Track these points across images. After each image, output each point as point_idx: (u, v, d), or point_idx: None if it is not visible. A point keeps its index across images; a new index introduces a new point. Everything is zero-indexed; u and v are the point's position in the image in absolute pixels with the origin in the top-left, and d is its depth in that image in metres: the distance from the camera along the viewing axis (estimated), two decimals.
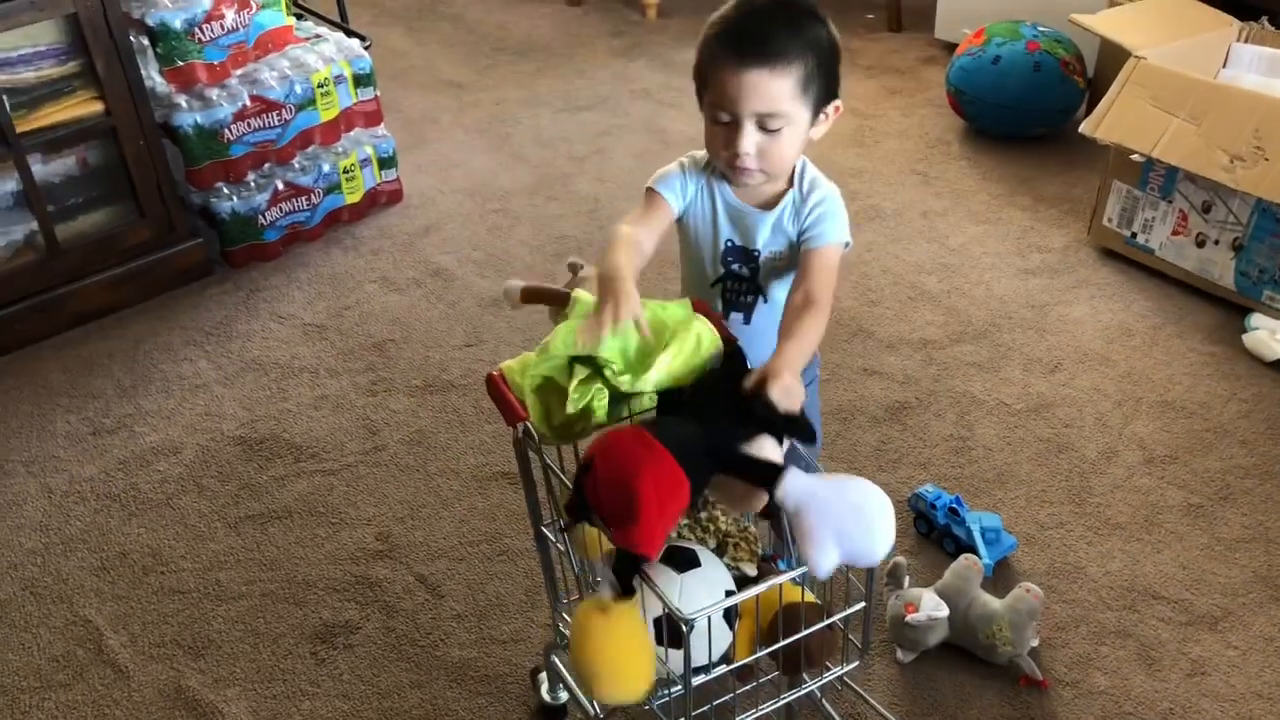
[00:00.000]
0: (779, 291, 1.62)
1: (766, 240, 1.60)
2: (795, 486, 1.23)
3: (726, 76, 1.47)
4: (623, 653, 1.28)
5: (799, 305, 1.48)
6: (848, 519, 1.20)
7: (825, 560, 1.20)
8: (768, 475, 1.24)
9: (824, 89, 1.51)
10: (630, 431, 1.28)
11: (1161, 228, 2.78)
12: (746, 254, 1.62)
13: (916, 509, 2.15)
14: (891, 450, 2.34)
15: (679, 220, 1.64)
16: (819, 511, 1.21)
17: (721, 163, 1.55)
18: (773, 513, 1.31)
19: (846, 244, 1.57)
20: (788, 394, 1.30)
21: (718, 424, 1.29)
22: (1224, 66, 2.96)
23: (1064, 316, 2.74)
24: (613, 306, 1.40)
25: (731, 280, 1.65)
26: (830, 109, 1.54)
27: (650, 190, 1.62)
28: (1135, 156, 2.75)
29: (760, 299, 1.65)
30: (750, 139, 1.49)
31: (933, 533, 2.12)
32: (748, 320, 1.66)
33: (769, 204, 1.58)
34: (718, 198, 1.60)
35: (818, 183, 1.59)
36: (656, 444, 1.25)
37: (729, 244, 1.63)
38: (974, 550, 2.02)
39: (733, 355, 1.44)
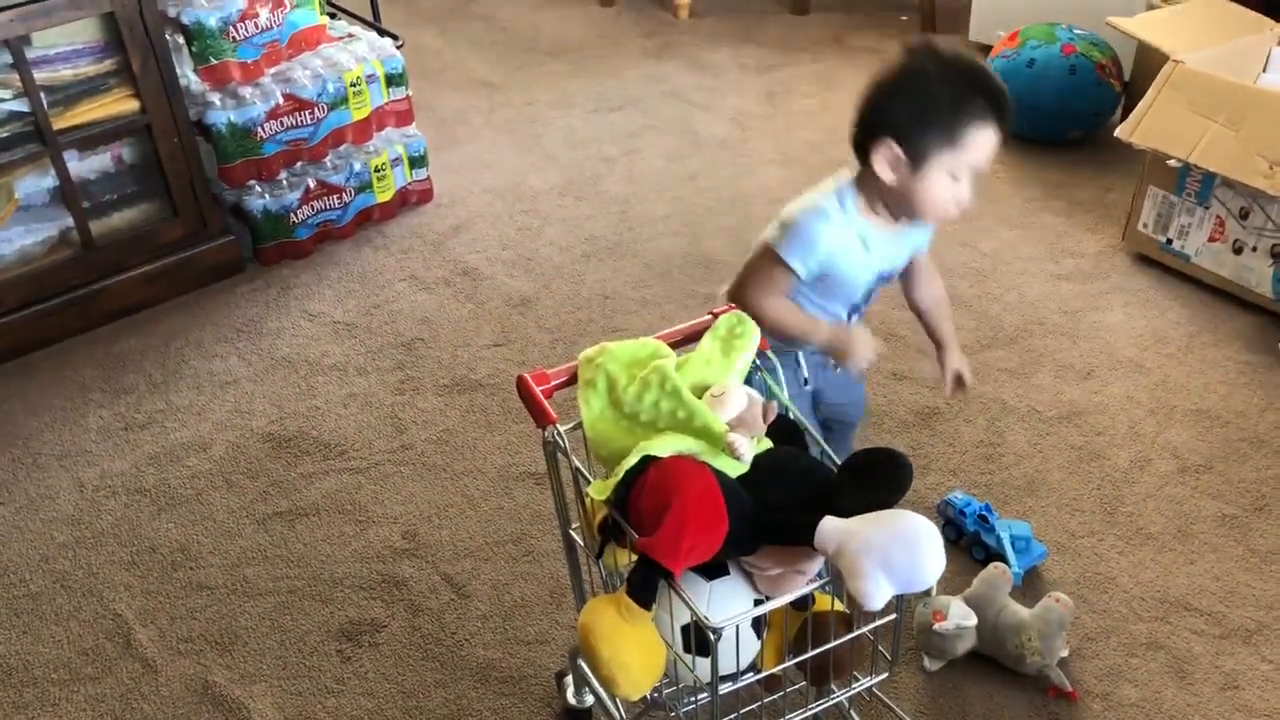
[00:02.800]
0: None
1: (904, 255, 1.82)
2: (831, 529, 1.23)
3: (992, 141, 1.61)
4: (630, 646, 1.28)
5: (941, 298, 1.94)
6: (890, 548, 1.19)
7: (876, 591, 1.19)
8: (807, 530, 1.24)
9: None
10: (695, 462, 1.28)
11: (1198, 234, 2.75)
12: (888, 276, 1.82)
13: (945, 516, 2.13)
14: (921, 456, 2.32)
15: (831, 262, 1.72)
16: (860, 547, 1.20)
17: (940, 214, 1.67)
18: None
19: None
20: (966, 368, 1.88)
21: (773, 498, 1.30)
22: (1264, 71, 2.92)
23: (1097, 323, 2.71)
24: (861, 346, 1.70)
25: (865, 302, 1.84)
26: None
27: (780, 260, 1.68)
28: (1172, 162, 2.71)
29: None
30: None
31: (961, 539, 2.10)
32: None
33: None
34: (870, 236, 1.71)
35: None
36: (713, 479, 1.25)
37: (877, 273, 1.78)
38: (1003, 558, 2.00)
39: (785, 431, 1.43)
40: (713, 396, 1.37)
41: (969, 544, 2.09)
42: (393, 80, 3.10)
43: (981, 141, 1.60)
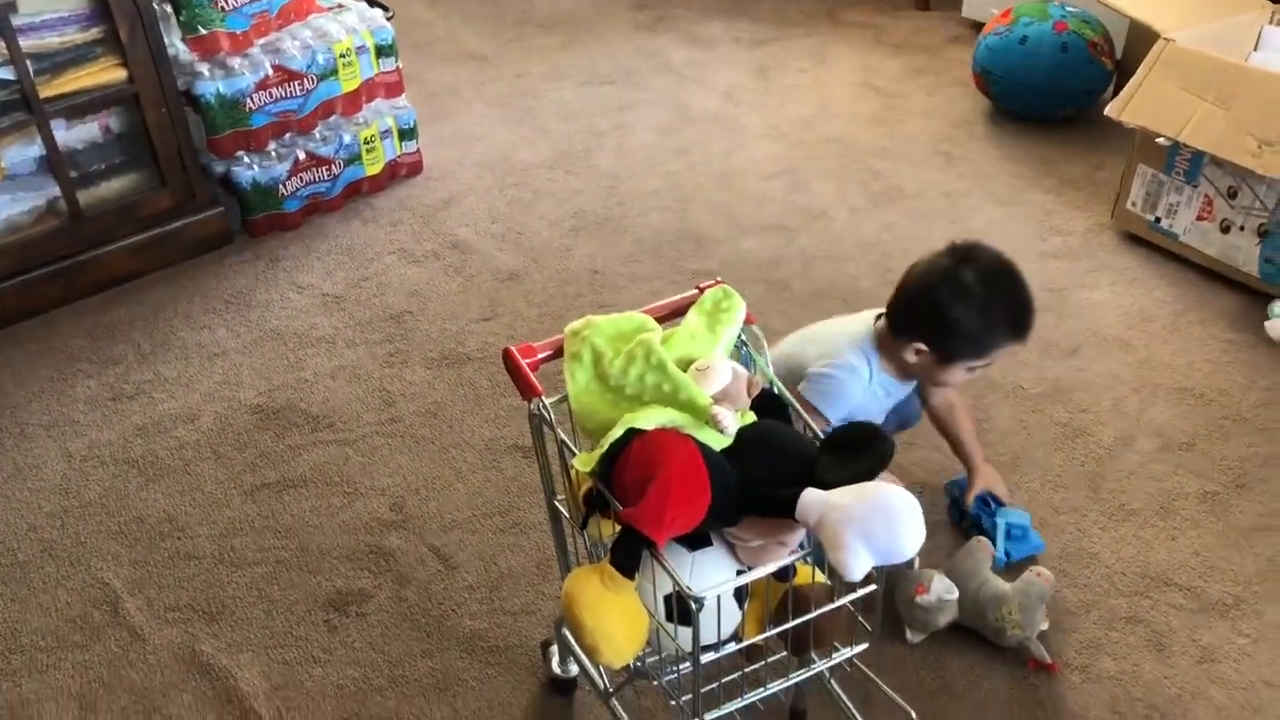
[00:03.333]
0: None
1: (910, 388, 1.98)
2: (812, 501, 1.24)
3: (1009, 348, 1.83)
4: (614, 615, 1.29)
5: (959, 411, 2.11)
6: (869, 520, 1.20)
7: (856, 562, 1.20)
8: (788, 502, 1.25)
9: None
10: (679, 435, 1.29)
11: (1186, 212, 2.76)
12: (899, 408, 2.00)
13: (951, 495, 2.14)
14: (906, 432, 2.33)
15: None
16: (839, 518, 1.21)
17: (951, 385, 1.97)
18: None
19: None
20: (1000, 484, 2.08)
21: (756, 471, 1.31)
22: (1255, 50, 2.92)
23: (1084, 301, 2.72)
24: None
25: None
26: None
27: (814, 408, 1.83)
28: (1161, 140, 2.72)
29: None
30: None
31: (963, 521, 2.11)
32: None
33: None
34: (889, 386, 1.91)
35: None
36: (697, 452, 1.26)
37: (893, 409, 1.97)
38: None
39: (770, 404, 1.44)
40: (698, 370, 1.37)
41: (969, 526, 2.09)
42: (383, 51, 3.09)
43: (1002, 354, 1.83)
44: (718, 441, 1.33)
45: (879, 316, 1.92)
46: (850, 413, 1.86)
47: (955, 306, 1.75)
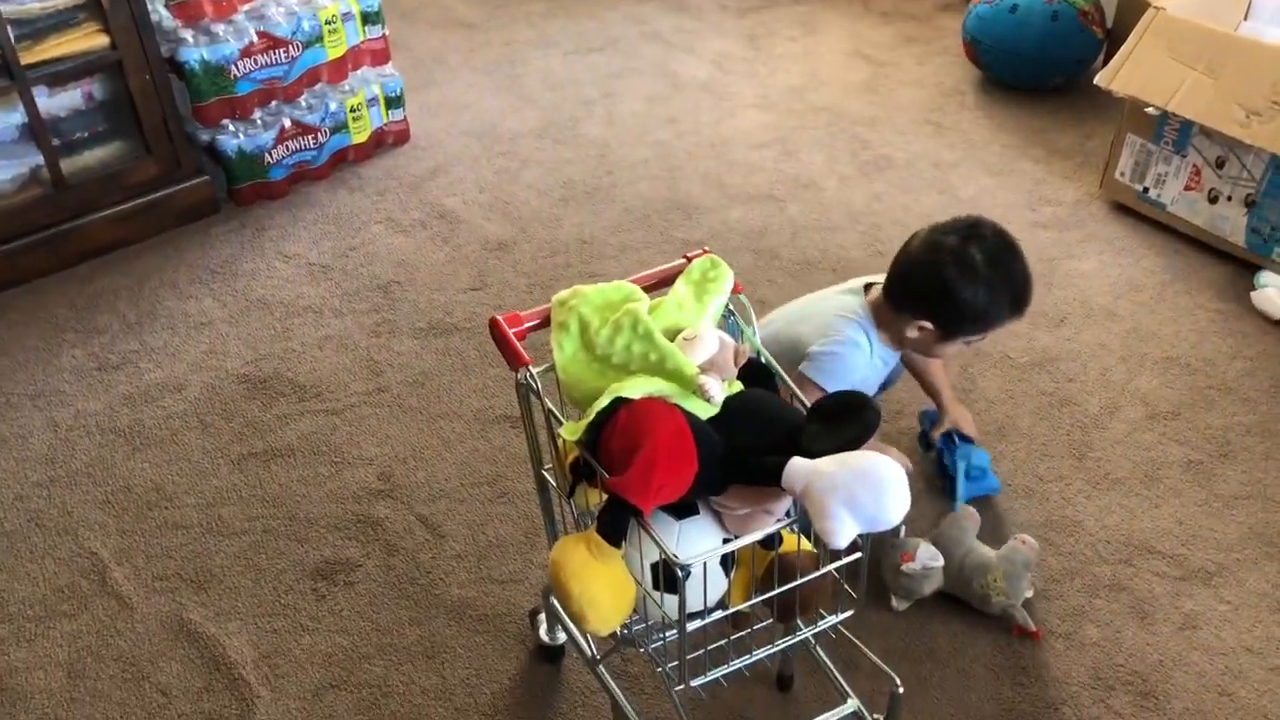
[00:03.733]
0: None
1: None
2: (798, 469, 1.24)
3: (1006, 325, 1.83)
4: (600, 583, 1.30)
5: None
6: (854, 487, 1.20)
7: (840, 529, 1.20)
8: (774, 470, 1.25)
9: None
10: (666, 404, 1.29)
11: (1174, 183, 2.76)
12: (892, 375, 2.02)
13: (922, 426, 2.20)
14: (894, 401, 2.34)
15: None
16: (824, 486, 1.21)
17: (948, 358, 2.00)
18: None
19: None
20: (968, 423, 2.10)
21: (743, 440, 1.31)
22: (1245, 19, 2.91)
23: (1072, 270, 2.72)
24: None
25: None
26: None
27: (819, 387, 1.82)
28: (1150, 110, 2.71)
29: None
30: None
31: (930, 451, 2.17)
32: None
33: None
34: (885, 356, 1.90)
35: None
36: (684, 421, 1.26)
37: (887, 376, 1.97)
38: (953, 479, 2.07)
39: (756, 373, 1.44)
40: (685, 340, 1.37)
41: (936, 456, 2.14)
42: (369, 18, 3.06)
43: (1003, 325, 1.83)
44: (704, 410, 1.33)
45: (867, 287, 1.91)
46: (853, 388, 1.85)
47: (965, 288, 1.75)
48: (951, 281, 1.75)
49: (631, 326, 1.37)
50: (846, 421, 1.30)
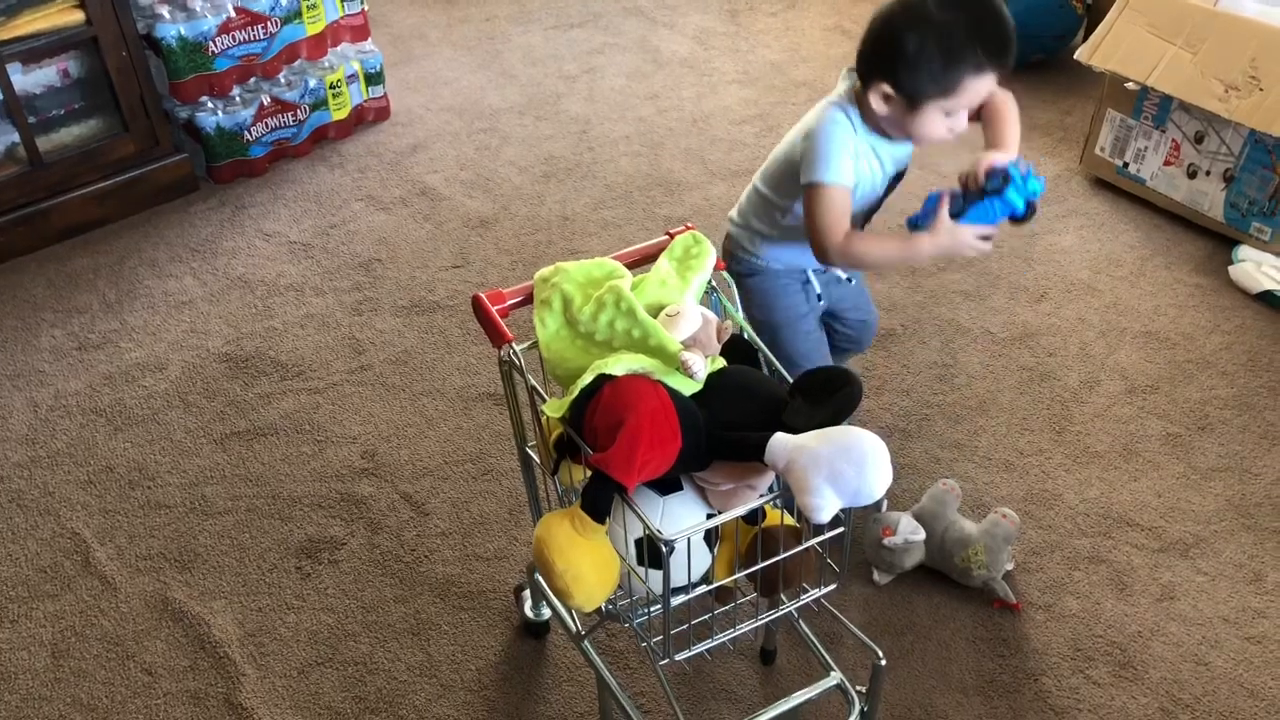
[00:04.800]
0: None
1: (908, 152, 1.80)
2: (780, 445, 1.25)
3: (988, 86, 1.62)
4: (585, 559, 1.31)
5: (1003, 105, 1.76)
6: (837, 461, 1.21)
7: (822, 504, 1.21)
8: (757, 446, 1.26)
9: None
10: (649, 380, 1.30)
11: (1154, 158, 2.77)
12: (896, 181, 1.83)
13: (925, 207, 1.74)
14: (875, 377, 2.35)
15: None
16: (806, 462, 1.22)
17: (933, 143, 1.71)
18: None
19: None
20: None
21: (726, 416, 1.31)
22: None
23: (1052, 246, 2.74)
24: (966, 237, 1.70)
25: (878, 208, 1.86)
26: None
27: (830, 187, 1.69)
28: (1130, 85, 2.72)
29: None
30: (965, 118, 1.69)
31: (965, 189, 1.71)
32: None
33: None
34: (877, 146, 1.74)
35: None
36: (667, 397, 1.27)
37: (891, 179, 1.80)
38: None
39: (739, 350, 1.44)
40: (668, 316, 1.38)
41: (980, 190, 1.70)
42: None
43: (976, 87, 1.61)
44: (688, 387, 1.33)
45: (851, 70, 1.74)
46: (856, 178, 1.71)
47: (911, 36, 1.57)
48: (899, 30, 1.58)
49: (615, 303, 1.37)
50: (829, 397, 1.31)
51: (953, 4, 1.57)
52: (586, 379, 1.31)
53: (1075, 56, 2.80)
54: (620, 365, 1.31)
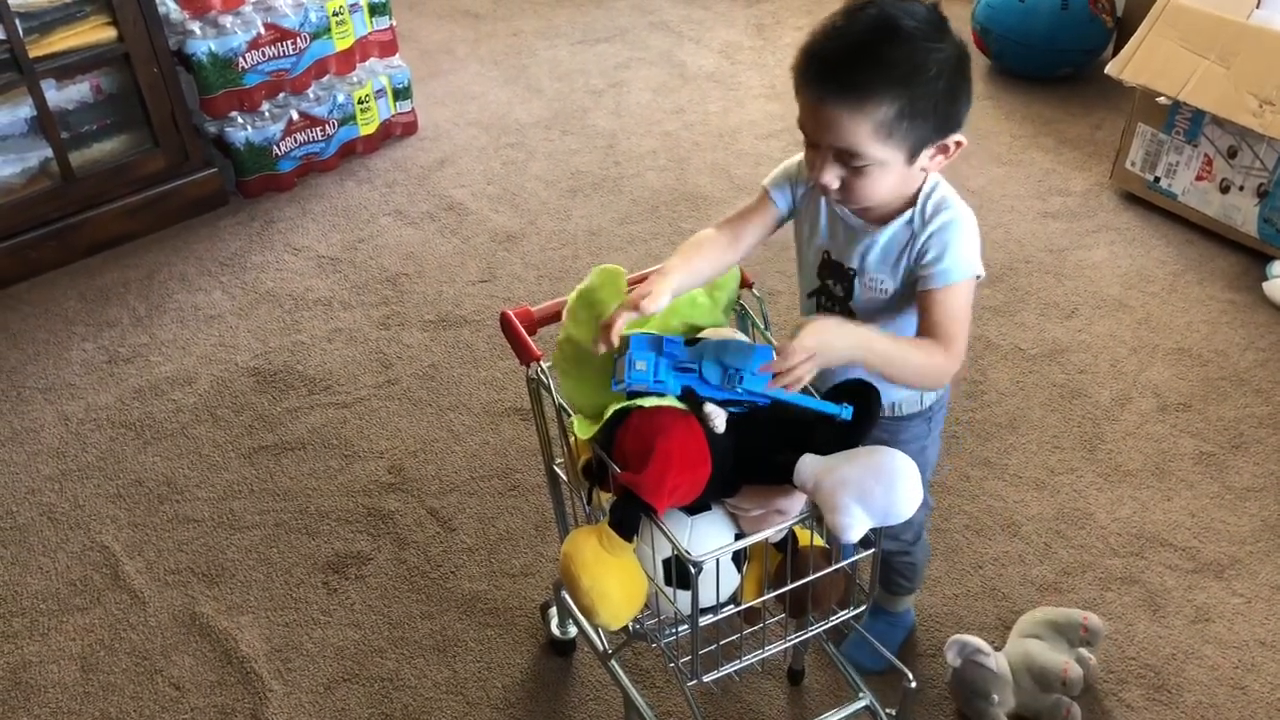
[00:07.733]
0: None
1: (867, 263, 1.41)
2: (809, 465, 1.24)
3: (804, 102, 1.31)
4: (611, 576, 1.30)
5: (919, 336, 1.36)
6: (866, 481, 1.20)
7: (852, 523, 1.20)
8: (785, 467, 1.25)
9: (929, 127, 1.31)
10: (680, 410, 1.29)
11: (1185, 172, 2.74)
12: (840, 270, 1.44)
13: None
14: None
15: (794, 218, 1.49)
16: (835, 481, 1.21)
17: (810, 183, 1.40)
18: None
19: (978, 276, 1.38)
20: (791, 355, 1.20)
21: (754, 439, 1.30)
22: (1257, 7, 2.88)
23: (1083, 261, 2.71)
24: (636, 293, 1.31)
25: (825, 297, 1.49)
26: (949, 143, 1.36)
27: (762, 187, 1.48)
28: (1161, 99, 2.70)
29: None
30: (832, 171, 1.31)
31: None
32: None
33: (882, 219, 1.40)
34: (822, 201, 1.44)
35: (945, 205, 1.40)
36: (698, 425, 1.26)
37: (824, 256, 1.46)
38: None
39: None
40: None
41: None
42: (376, 9, 3.05)
43: (802, 100, 1.33)
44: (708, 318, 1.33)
45: None
46: (789, 202, 1.49)
47: (802, 43, 1.36)
48: None
49: (576, 310, 1.38)
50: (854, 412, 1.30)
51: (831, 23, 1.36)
52: (615, 406, 1.31)
53: (1106, 71, 2.78)
54: (649, 399, 1.30)
